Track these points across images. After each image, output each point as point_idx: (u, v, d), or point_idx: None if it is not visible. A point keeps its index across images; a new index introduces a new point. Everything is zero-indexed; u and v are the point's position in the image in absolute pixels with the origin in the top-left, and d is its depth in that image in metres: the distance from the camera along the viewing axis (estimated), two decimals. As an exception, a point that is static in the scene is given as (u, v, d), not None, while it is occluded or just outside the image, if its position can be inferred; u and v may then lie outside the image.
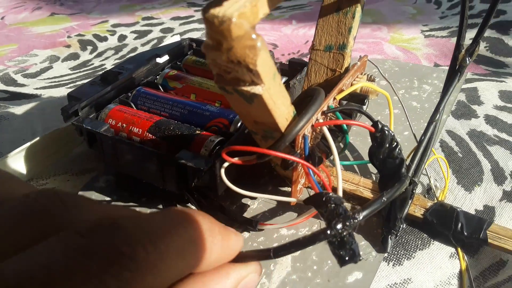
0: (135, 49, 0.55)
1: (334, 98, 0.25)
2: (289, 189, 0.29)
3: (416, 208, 0.27)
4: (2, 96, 0.45)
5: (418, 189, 0.29)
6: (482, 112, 0.35)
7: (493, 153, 0.31)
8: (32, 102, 0.42)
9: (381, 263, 0.25)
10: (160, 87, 0.32)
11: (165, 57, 0.35)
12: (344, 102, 0.26)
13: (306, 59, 0.44)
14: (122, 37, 0.59)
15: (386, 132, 0.23)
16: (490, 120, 0.34)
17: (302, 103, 0.25)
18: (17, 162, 0.30)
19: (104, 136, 0.27)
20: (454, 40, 0.47)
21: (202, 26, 0.58)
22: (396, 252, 0.25)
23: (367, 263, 0.25)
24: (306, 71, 0.28)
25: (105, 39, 0.59)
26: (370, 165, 0.31)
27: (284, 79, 0.32)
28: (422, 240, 0.26)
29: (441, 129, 0.34)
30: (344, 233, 0.18)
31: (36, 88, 0.46)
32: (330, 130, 0.25)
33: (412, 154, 0.27)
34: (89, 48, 0.57)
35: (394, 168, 0.24)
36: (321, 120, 0.24)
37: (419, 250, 0.25)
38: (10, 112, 0.41)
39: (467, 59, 0.28)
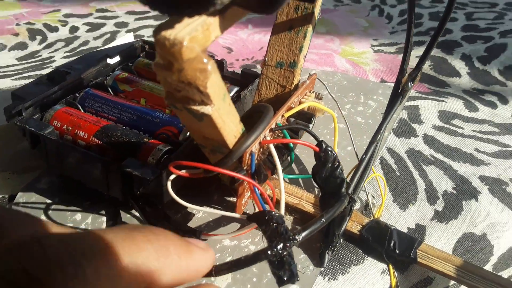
0: (86, 42, 0.53)
1: (282, 116, 0.26)
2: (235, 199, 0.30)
3: (354, 224, 0.28)
4: None
5: (357, 205, 0.30)
6: (421, 131, 0.37)
7: (428, 173, 0.33)
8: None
9: (318, 277, 0.26)
10: (110, 90, 0.32)
11: (116, 58, 0.34)
12: (292, 119, 0.27)
13: (259, 66, 0.45)
14: (74, 29, 0.57)
15: (329, 152, 0.24)
16: (428, 140, 0.36)
17: (252, 118, 0.25)
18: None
19: (48, 139, 0.26)
20: (400, 56, 0.50)
21: (157, 23, 0.57)
22: (332, 267, 0.26)
23: (305, 276, 0.26)
24: (257, 85, 0.29)
25: (55, 29, 0.57)
26: (313, 179, 0.32)
27: (236, 89, 0.32)
28: (357, 255, 0.27)
29: (382, 146, 0.35)
30: (284, 253, 0.19)
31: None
32: (276, 147, 0.25)
33: (352, 171, 0.29)
34: (39, 38, 0.55)
35: (335, 187, 0.25)
36: (268, 138, 0.25)
37: (353, 265, 0.27)
38: None
39: (410, 83, 0.30)
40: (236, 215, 0.24)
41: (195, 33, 0.17)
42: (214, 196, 0.30)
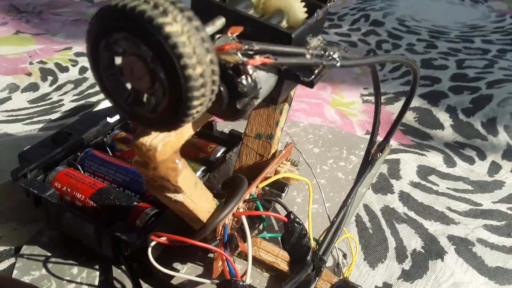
0: (93, 85, 0.57)
1: (257, 187, 0.29)
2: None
3: (324, 283, 0.30)
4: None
5: (329, 263, 0.33)
6: (398, 187, 0.40)
7: (400, 231, 0.35)
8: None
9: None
10: (108, 149, 0.35)
11: (116, 117, 0.37)
12: (267, 188, 0.30)
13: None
14: (83, 70, 0.61)
15: (296, 224, 0.27)
16: (403, 197, 0.39)
17: (230, 186, 0.28)
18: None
19: (49, 201, 0.30)
20: (388, 108, 0.52)
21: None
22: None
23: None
24: (239, 153, 0.32)
25: (66, 69, 0.61)
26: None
27: (222, 149, 0.35)
28: (325, 314, 0.30)
29: (359, 202, 0.38)
30: None
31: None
32: (250, 217, 0.28)
33: (324, 233, 0.31)
34: (50, 78, 0.58)
35: (301, 254, 0.28)
36: (241, 210, 0.27)
37: (321, 323, 0.29)
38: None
39: (378, 154, 0.32)
40: (208, 281, 0.26)
41: (168, 139, 0.20)
42: (198, 253, 0.33)
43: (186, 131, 0.21)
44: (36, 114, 0.50)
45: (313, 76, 0.21)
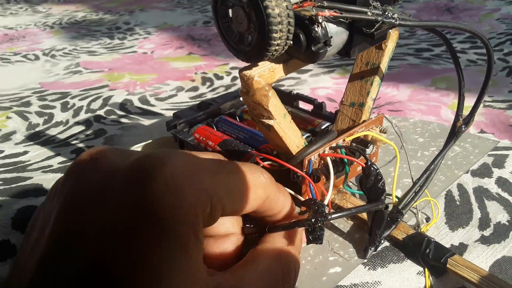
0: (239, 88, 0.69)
1: (344, 140, 0.35)
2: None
3: (400, 233, 0.35)
4: (137, 111, 0.61)
5: (412, 222, 0.37)
6: (498, 174, 0.41)
7: (488, 206, 0.37)
8: (156, 118, 0.58)
9: (359, 265, 0.33)
10: (237, 118, 0.45)
11: (247, 97, 0.47)
12: (354, 144, 0.36)
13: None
14: (234, 78, 0.74)
15: (372, 168, 0.32)
16: (501, 181, 0.40)
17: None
18: (134, 154, 0.44)
19: (188, 143, 0.40)
20: (508, 112, 0.53)
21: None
22: (373, 261, 0.33)
23: (348, 263, 0.33)
24: (335, 119, 0.38)
25: (221, 78, 0.74)
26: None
27: (328, 123, 0.42)
28: (398, 257, 0.34)
29: (452, 182, 0.41)
30: (317, 224, 0.28)
31: (162, 109, 0.62)
32: (335, 161, 0.34)
33: (405, 192, 0.36)
34: (207, 83, 0.72)
35: (377, 196, 0.33)
36: (327, 152, 0.34)
37: (393, 263, 0.33)
38: (140, 123, 0.56)
39: (463, 127, 0.36)
40: (300, 197, 0.33)
41: (263, 72, 0.28)
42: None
43: (278, 72, 0.29)
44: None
45: (373, 29, 0.27)
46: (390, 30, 0.35)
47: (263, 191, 0.24)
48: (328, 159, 0.33)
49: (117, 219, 0.18)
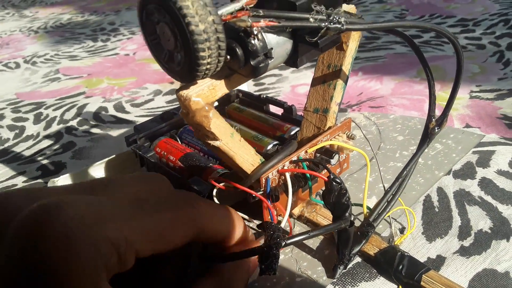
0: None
1: (306, 151, 0.32)
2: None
3: (372, 247, 0.32)
4: (110, 120, 0.59)
5: (386, 233, 0.34)
6: (482, 174, 0.39)
7: (469, 212, 0.35)
8: (129, 127, 0.56)
9: (329, 285, 0.31)
10: (203, 127, 0.42)
11: (215, 103, 0.44)
12: (318, 155, 0.33)
13: (351, 110, 0.51)
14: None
15: (335, 183, 0.30)
16: (484, 183, 0.38)
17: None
18: (96, 172, 0.42)
19: (149, 160, 0.37)
20: (496, 103, 0.50)
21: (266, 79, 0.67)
22: (344, 279, 0.31)
23: (316, 283, 0.31)
24: (301, 126, 0.36)
25: (201, 77, 0.71)
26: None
27: (297, 129, 0.39)
28: (370, 274, 0.31)
29: (431, 185, 0.38)
30: (271, 252, 0.26)
31: (136, 116, 0.60)
32: (297, 176, 0.32)
33: (377, 202, 0.33)
34: (187, 85, 0.69)
35: (341, 212, 0.30)
36: (286, 167, 0.31)
37: (364, 281, 0.31)
38: (110, 134, 0.54)
39: (436, 128, 0.33)
40: (255, 220, 0.31)
41: (201, 92, 0.26)
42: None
43: (219, 89, 0.26)
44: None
45: (317, 37, 0.24)
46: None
47: (190, 226, 0.22)
48: (287, 175, 0.31)
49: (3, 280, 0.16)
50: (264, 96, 0.44)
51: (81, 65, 0.86)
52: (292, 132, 0.39)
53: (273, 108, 0.44)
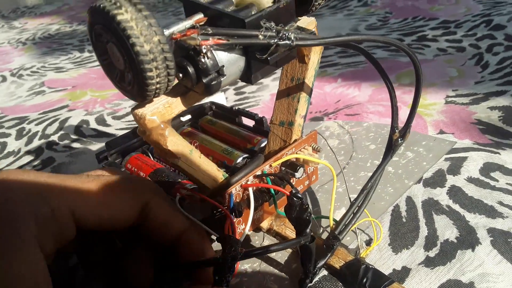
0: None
1: (271, 165, 0.33)
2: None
3: (338, 260, 0.32)
4: (91, 134, 0.59)
5: (353, 244, 0.34)
6: (452, 182, 0.39)
7: (436, 221, 0.35)
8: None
9: (294, 300, 0.31)
10: (175, 141, 0.42)
11: (188, 116, 0.45)
12: (283, 168, 0.33)
13: (327, 119, 0.51)
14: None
15: (295, 198, 0.30)
16: (453, 191, 0.38)
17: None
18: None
19: (118, 176, 0.37)
20: (471, 108, 0.50)
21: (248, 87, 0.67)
22: (310, 293, 0.31)
23: (283, 298, 0.31)
24: (268, 139, 0.36)
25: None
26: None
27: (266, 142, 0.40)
28: (336, 287, 0.31)
29: (400, 194, 0.38)
30: (226, 265, 0.26)
31: (116, 129, 0.60)
32: (261, 191, 0.32)
33: (343, 215, 0.33)
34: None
35: (303, 227, 0.30)
36: (249, 182, 0.31)
37: (330, 295, 0.31)
38: (90, 148, 0.54)
39: (399, 140, 0.33)
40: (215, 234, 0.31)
41: (156, 110, 0.26)
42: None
43: (175, 106, 0.27)
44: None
45: (266, 54, 0.24)
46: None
47: (132, 195, 0.23)
48: (250, 190, 0.31)
49: None
50: (236, 108, 0.44)
51: (66, 77, 0.86)
52: (262, 145, 0.39)
53: (246, 120, 0.44)
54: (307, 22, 0.31)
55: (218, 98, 0.56)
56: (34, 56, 1.05)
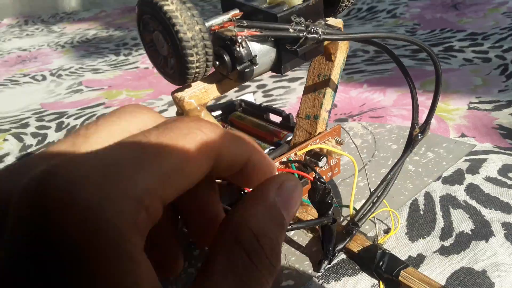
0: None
1: (296, 153, 0.35)
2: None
3: (356, 245, 0.34)
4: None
5: (372, 232, 0.36)
6: (470, 180, 0.40)
7: (453, 215, 0.36)
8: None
9: (313, 278, 0.33)
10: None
11: (218, 112, 0.47)
12: (308, 157, 0.36)
13: (351, 120, 0.53)
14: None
15: (318, 183, 0.32)
16: (471, 188, 0.39)
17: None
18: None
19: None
20: (493, 114, 0.52)
21: (282, 84, 0.70)
22: (328, 274, 0.33)
23: (302, 276, 0.33)
24: (294, 132, 0.38)
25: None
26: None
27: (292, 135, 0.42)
28: (353, 269, 0.33)
29: (419, 190, 0.40)
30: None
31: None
32: (286, 175, 0.34)
33: (363, 203, 0.35)
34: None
35: (325, 210, 0.32)
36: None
37: (347, 276, 0.33)
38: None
39: (419, 135, 0.35)
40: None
41: (194, 94, 0.28)
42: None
43: (211, 92, 0.29)
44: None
45: (296, 46, 0.27)
46: (340, 42, 0.35)
47: (206, 153, 0.17)
48: (277, 174, 0.33)
49: None
50: (264, 105, 0.47)
51: (103, 77, 0.90)
52: (288, 138, 0.42)
53: (273, 117, 0.47)
54: (334, 22, 0.33)
55: (248, 98, 0.58)
56: (72, 58, 1.10)
